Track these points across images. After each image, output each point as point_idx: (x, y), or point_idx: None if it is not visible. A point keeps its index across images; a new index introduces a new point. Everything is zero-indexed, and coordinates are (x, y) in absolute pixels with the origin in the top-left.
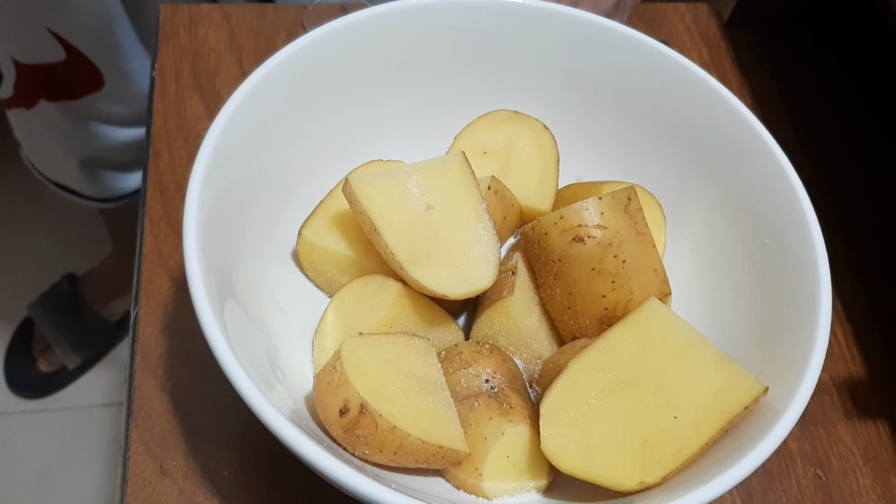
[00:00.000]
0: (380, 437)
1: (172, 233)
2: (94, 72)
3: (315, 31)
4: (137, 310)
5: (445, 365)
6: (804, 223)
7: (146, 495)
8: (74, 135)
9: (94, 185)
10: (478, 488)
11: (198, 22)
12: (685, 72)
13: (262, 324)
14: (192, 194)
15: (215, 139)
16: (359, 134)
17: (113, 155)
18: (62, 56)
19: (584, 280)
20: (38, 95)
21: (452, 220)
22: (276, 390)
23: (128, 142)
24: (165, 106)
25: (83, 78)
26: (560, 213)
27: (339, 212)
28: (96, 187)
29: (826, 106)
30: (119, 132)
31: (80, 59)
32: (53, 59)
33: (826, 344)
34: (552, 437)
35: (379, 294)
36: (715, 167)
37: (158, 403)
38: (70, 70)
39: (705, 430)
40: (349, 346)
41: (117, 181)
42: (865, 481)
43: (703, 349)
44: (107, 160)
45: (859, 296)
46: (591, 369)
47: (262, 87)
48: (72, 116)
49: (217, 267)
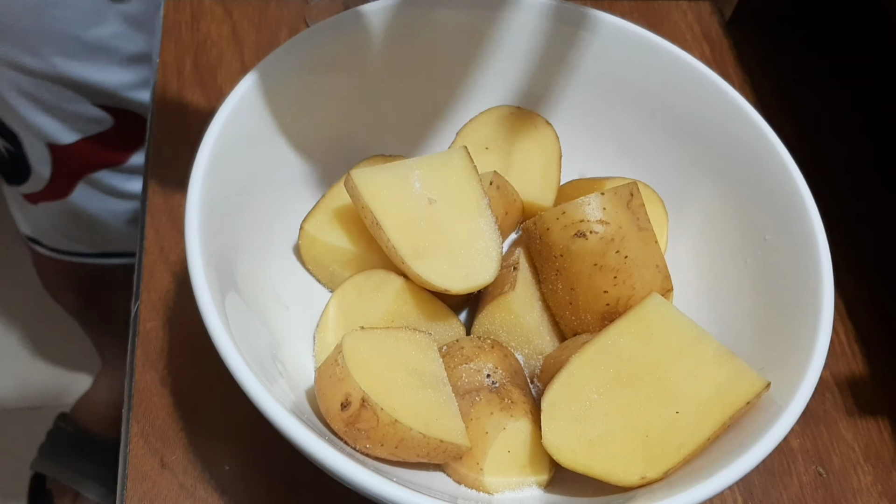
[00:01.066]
0: (381, 430)
1: (173, 227)
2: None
3: (317, 25)
4: (138, 304)
5: (447, 360)
6: (807, 220)
7: (146, 489)
8: (120, 197)
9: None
10: (479, 483)
11: (200, 17)
12: (688, 68)
13: (263, 317)
14: (193, 188)
15: (217, 133)
16: (361, 129)
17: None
18: (109, 124)
19: (586, 275)
20: (81, 173)
21: (454, 215)
22: (277, 384)
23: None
24: (167, 100)
25: (130, 137)
26: (562, 209)
27: (340, 206)
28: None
29: (828, 104)
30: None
31: (128, 118)
32: (99, 129)
33: (828, 340)
34: (553, 432)
35: (380, 288)
36: (717, 163)
37: (159, 397)
38: (117, 134)
39: (707, 426)
40: (351, 339)
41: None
42: (867, 479)
43: (705, 344)
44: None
45: (861, 293)
46: (592, 364)
47: (263, 81)
48: (118, 180)
49: (219, 260)
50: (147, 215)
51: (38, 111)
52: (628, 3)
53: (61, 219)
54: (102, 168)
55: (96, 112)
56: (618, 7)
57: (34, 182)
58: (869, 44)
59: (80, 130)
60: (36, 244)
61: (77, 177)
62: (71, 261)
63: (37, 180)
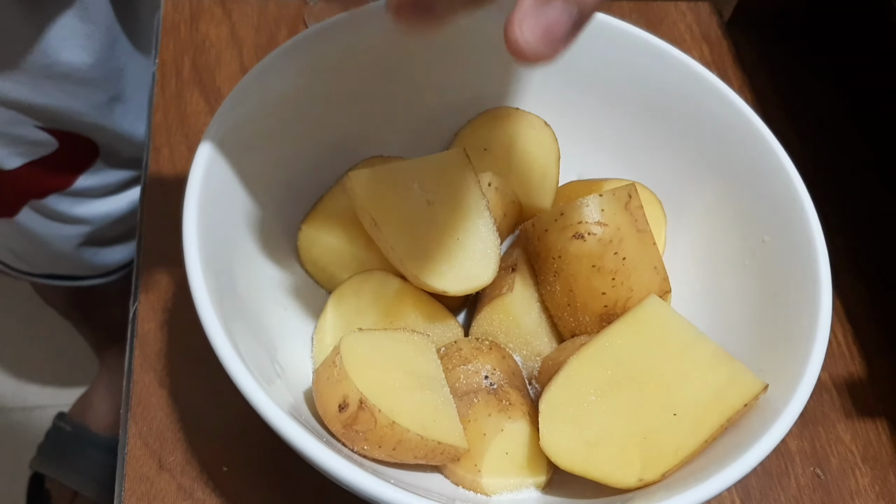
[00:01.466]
0: (379, 432)
1: (172, 227)
2: (88, 146)
3: (316, 26)
4: (136, 305)
5: (445, 361)
6: (805, 221)
7: (144, 490)
8: (68, 221)
9: (92, 263)
10: (477, 484)
11: (199, 17)
12: (686, 69)
13: (261, 319)
14: (192, 189)
15: (215, 134)
16: (359, 130)
17: (112, 230)
18: (54, 147)
19: (584, 277)
20: (26, 197)
21: (453, 217)
22: (275, 385)
23: (123, 211)
24: (166, 101)
25: (76, 159)
26: (560, 210)
27: (339, 207)
28: (94, 266)
29: (827, 105)
30: (114, 203)
31: (73, 140)
32: (44, 153)
33: (826, 342)
34: (551, 434)
35: (379, 290)
36: (715, 164)
37: (157, 398)
38: (63, 156)
39: (705, 428)
40: (349, 341)
41: (113, 254)
42: (864, 480)
43: (703, 346)
44: (106, 237)
45: (859, 294)
46: (590, 366)
47: (262, 82)
48: (65, 204)
49: (217, 262)
50: (145, 216)
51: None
52: (627, 4)
53: (9, 237)
54: (49, 193)
55: (40, 135)
56: (617, 7)
57: None
58: (868, 44)
59: (22, 154)
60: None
61: (23, 201)
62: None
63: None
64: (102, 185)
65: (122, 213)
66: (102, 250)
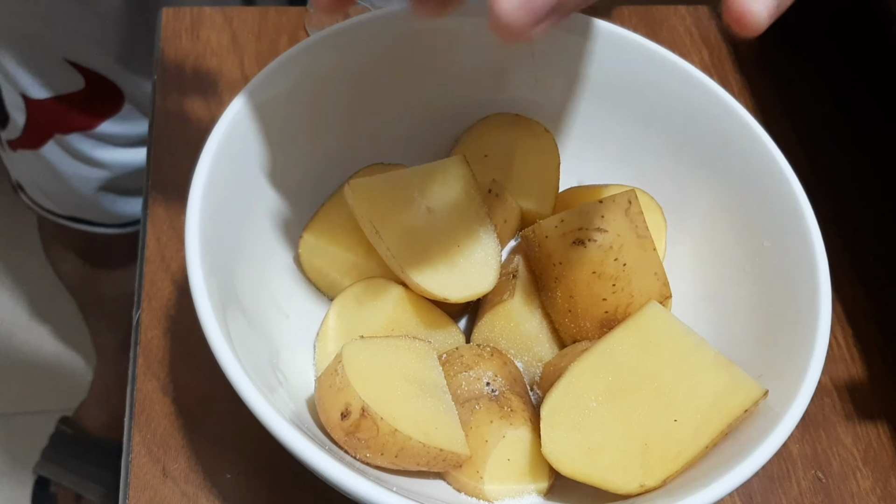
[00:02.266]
0: (381, 440)
1: (174, 235)
2: (114, 93)
3: (317, 35)
4: (139, 313)
5: (446, 368)
6: (804, 226)
7: (148, 498)
8: (89, 163)
9: (112, 212)
10: (479, 491)
11: (199, 25)
12: (686, 75)
13: (263, 327)
14: (194, 198)
15: (217, 143)
16: (360, 137)
17: (130, 181)
18: (81, 84)
19: (585, 283)
20: (52, 131)
21: (453, 224)
22: (277, 393)
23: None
24: (167, 109)
25: (102, 103)
26: (561, 217)
27: (340, 215)
28: (114, 214)
29: (827, 108)
30: (135, 155)
31: (100, 82)
32: (71, 89)
33: (826, 346)
34: (553, 440)
35: (380, 297)
36: (715, 170)
37: (160, 406)
38: (89, 97)
39: (705, 433)
40: (351, 349)
41: (130, 205)
42: (866, 483)
43: (704, 352)
44: (124, 187)
45: (860, 297)
46: (591, 372)
47: (263, 91)
48: (88, 145)
49: (219, 270)
50: (148, 224)
51: (11, 61)
52: (627, 8)
53: (37, 170)
54: (72, 131)
55: (68, 70)
56: (616, 12)
57: (12, 129)
58: (869, 49)
59: (52, 87)
60: (21, 191)
61: (48, 134)
62: (55, 221)
63: (14, 128)
64: (124, 134)
65: (141, 167)
66: (120, 199)
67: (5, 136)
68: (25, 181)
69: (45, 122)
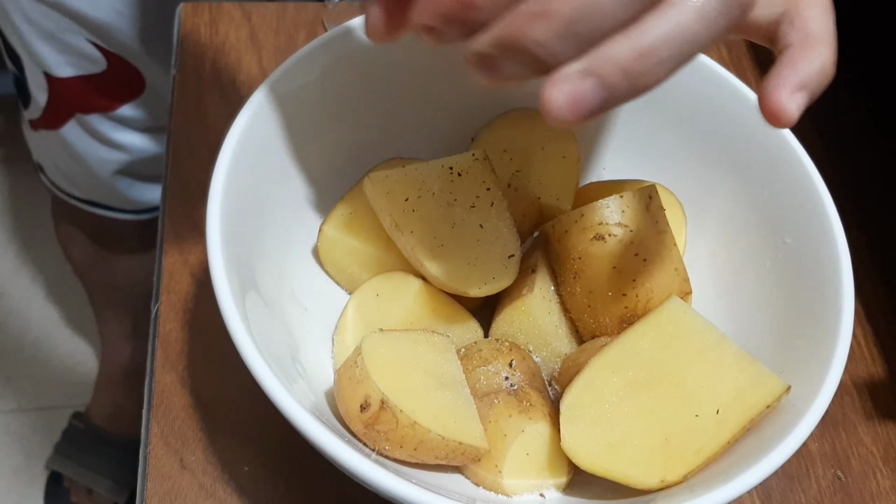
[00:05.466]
0: (400, 432)
1: (193, 229)
2: (136, 78)
3: (335, 29)
4: (158, 305)
5: (465, 362)
6: (826, 223)
7: (166, 489)
8: (108, 144)
9: (128, 197)
10: (497, 485)
11: (218, 20)
12: (707, 70)
13: (283, 319)
14: (215, 191)
15: (237, 137)
16: (379, 131)
17: (147, 167)
18: (103, 66)
19: (605, 278)
20: (73, 111)
21: (472, 218)
22: (297, 385)
23: (160, 152)
24: (186, 103)
25: (123, 86)
26: (581, 212)
27: (359, 209)
28: (129, 200)
29: (848, 105)
30: (153, 140)
31: (122, 65)
32: (93, 70)
33: (848, 344)
34: (572, 435)
35: (399, 291)
36: (736, 166)
37: (179, 398)
38: (111, 80)
39: (727, 429)
40: (370, 341)
41: (152, 191)
42: (886, 483)
43: (725, 347)
44: (140, 172)
45: (880, 297)
46: (611, 367)
47: (282, 85)
48: (108, 127)
49: (239, 262)
50: (167, 217)
51: (37, 38)
52: None
53: (56, 151)
54: (93, 111)
55: (91, 50)
56: None
57: (33, 109)
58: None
59: (75, 66)
60: (42, 173)
61: (69, 113)
62: (72, 203)
63: (35, 108)
64: (143, 119)
65: (158, 153)
66: (137, 184)
67: (28, 116)
68: (46, 162)
69: (66, 102)
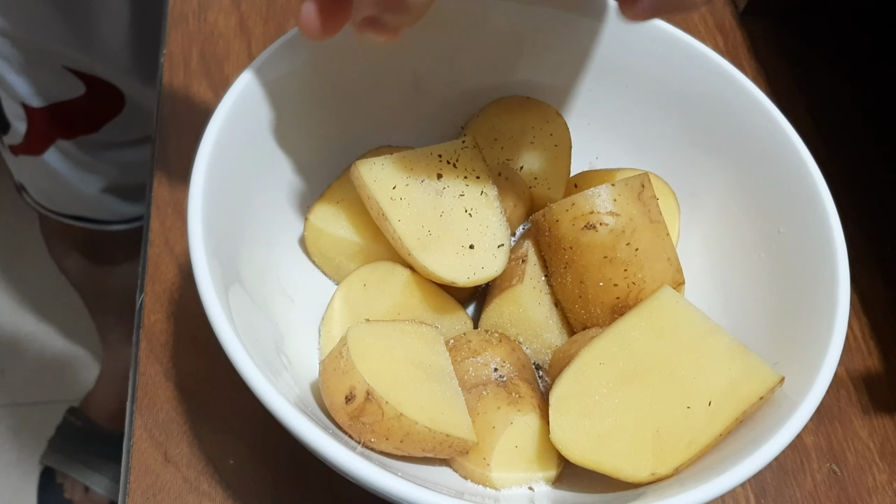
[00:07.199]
0: (386, 424)
1: (179, 219)
2: (115, 96)
3: None
4: (143, 296)
5: (453, 353)
6: (822, 212)
7: (150, 482)
8: (92, 167)
9: (117, 210)
10: (485, 478)
11: (207, 7)
12: (702, 57)
13: (268, 310)
14: (196, 179)
15: (220, 124)
16: (367, 119)
17: (134, 177)
18: (82, 91)
19: (596, 268)
20: (53, 137)
21: (462, 207)
22: (281, 377)
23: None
24: (174, 92)
25: (104, 106)
26: (572, 200)
27: (346, 198)
28: (119, 212)
29: (843, 94)
30: (138, 153)
31: (101, 87)
32: (72, 95)
33: (844, 335)
34: (562, 427)
35: (387, 281)
36: (731, 155)
37: (163, 390)
38: (90, 102)
39: (719, 421)
40: (356, 332)
41: (134, 202)
42: (882, 477)
43: (718, 338)
44: (128, 184)
45: (877, 288)
46: (602, 358)
47: (267, 72)
48: (90, 149)
49: (222, 252)
50: (153, 207)
51: (11, 70)
52: None
53: (39, 175)
54: (74, 137)
55: (68, 76)
56: None
57: (13, 135)
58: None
59: (51, 95)
60: (24, 192)
61: (50, 140)
62: (60, 221)
63: (15, 134)
64: (126, 134)
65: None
66: (125, 198)
67: (7, 142)
68: (28, 183)
69: (46, 130)
